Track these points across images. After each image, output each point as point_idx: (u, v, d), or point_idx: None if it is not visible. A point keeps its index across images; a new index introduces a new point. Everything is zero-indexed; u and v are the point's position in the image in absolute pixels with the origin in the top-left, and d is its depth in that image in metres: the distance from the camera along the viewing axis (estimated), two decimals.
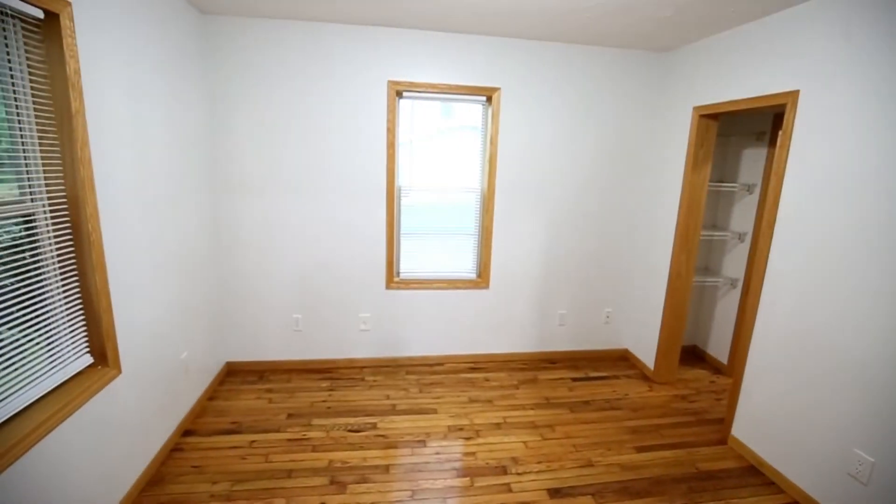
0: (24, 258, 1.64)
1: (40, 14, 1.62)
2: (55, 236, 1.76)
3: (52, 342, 1.77)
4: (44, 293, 1.72)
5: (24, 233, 1.66)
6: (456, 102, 3.41)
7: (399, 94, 3.24)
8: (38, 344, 1.70)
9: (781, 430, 2.44)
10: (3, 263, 1.57)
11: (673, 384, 3.51)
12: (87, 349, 1.95)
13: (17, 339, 1.61)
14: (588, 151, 3.52)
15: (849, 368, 2.08)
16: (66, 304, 1.83)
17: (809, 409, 2.29)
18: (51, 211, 1.74)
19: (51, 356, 1.75)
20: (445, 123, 3.49)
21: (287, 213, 3.28)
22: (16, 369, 1.60)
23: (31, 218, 1.67)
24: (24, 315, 1.63)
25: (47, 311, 1.74)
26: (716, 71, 2.91)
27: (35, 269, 1.69)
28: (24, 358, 1.63)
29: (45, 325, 1.73)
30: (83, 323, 1.92)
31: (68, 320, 1.84)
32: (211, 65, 2.99)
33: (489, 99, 3.34)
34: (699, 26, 2.78)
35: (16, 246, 1.62)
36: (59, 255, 1.78)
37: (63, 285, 1.81)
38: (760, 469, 2.55)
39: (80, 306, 1.90)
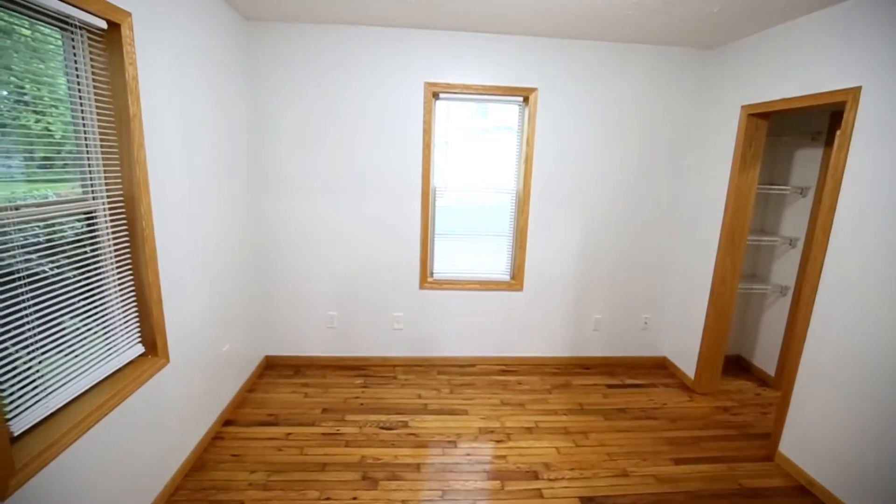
0: (85, 252, 1.76)
1: (104, 24, 1.73)
2: (113, 232, 1.88)
3: (109, 332, 1.88)
4: (102, 285, 1.84)
5: (85, 229, 1.78)
6: (492, 103, 3.40)
7: (435, 96, 3.26)
8: (95, 333, 1.82)
9: (835, 448, 2.29)
10: (67, 257, 1.68)
11: (715, 395, 3.36)
12: (139, 339, 2.06)
13: (78, 328, 1.73)
14: (627, 152, 3.43)
15: None
16: (121, 296, 1.94)
17: (868, 427, 2.13)
18: (109, 208, 1.85)
19: (107, 345, 1.87)
20: (480, 124, 3.49)
21: (324, 212, 3.37)
22: (77, 356, 1.72)
23: (92, 215, 1.79)
24: (84, 305, 1.75)
25: (105, 303, 1.86)
26: (767, 68, 2.77)
27: (95, 262, 1.80)
28: (83, 346, 1.75)
29: (103, 316, 1.85)
30: (136, 314, 2.03)
31: (123, 311, 1.96)
32: (254, 68, 3.10)
33: (526, 99, 3.31)
34: (749, 21, 2.66)
35: (78, 241, 1.74)
36: (115, 251, 1.90)
37: (119, 278, 1.92)
38: (810, 489, 2.41)
39: (133, 298, 2.01)
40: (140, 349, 2.06)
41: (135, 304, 2.02)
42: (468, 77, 3.20)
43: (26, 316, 1.48)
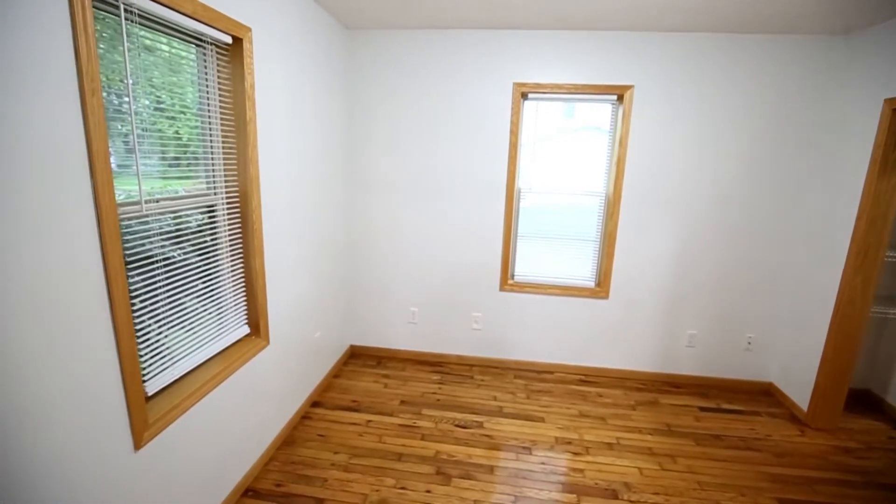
0: (206, 241, 1.99)
1: (229, 39, 1.94)
2: (229, 224, 2.11)
3: (222, 312, 2.12)
4: (218, 271, 2.07)
5: (206, 220, 2.01)
6: (580, 103, 3.27)
7: (524, 96, 3.22)
8: (210, 313, 2.05)
9: None
10: (192, 244, 1.92)
11: (833, 432, 2.93)
12: (246, 321, 2.30)
13: (196, 308, 1.96)
14: (735, 153, 3.11)
15: None
16: (233, 281, 2.17)
17: None
18: (227, 203, 2.08)
19: (219, 324, 2.10)
20: (567, 124, 3.38)
21: (410, 211, 3.48)
22: (195, 332, 1.95)
23: (213, 208, 2.03)
24: (203, 287, 1.98)
25: (220, 286, 2.09)
26: None
27: (213, 250, 2.04)
28: (201, 323, 1.98)
29: (218, 298, 2.08)
30: (244, 298, 2.26)
31: (234, 295, 2.19)
32: (352, 74, 3.30)
33: (620, 98, 3.14)
34: None
35: (200, 231, 1.97)
36: (230, 240, 2.13)
37: (232, 265, 2.15)
38: None
39: (242, 284, 2.24)
40: (246, 330, 2.29)
41: (244, 289, 2.25)
42: (559, 76, 3.12)
43: (160, 294, 1.71)
